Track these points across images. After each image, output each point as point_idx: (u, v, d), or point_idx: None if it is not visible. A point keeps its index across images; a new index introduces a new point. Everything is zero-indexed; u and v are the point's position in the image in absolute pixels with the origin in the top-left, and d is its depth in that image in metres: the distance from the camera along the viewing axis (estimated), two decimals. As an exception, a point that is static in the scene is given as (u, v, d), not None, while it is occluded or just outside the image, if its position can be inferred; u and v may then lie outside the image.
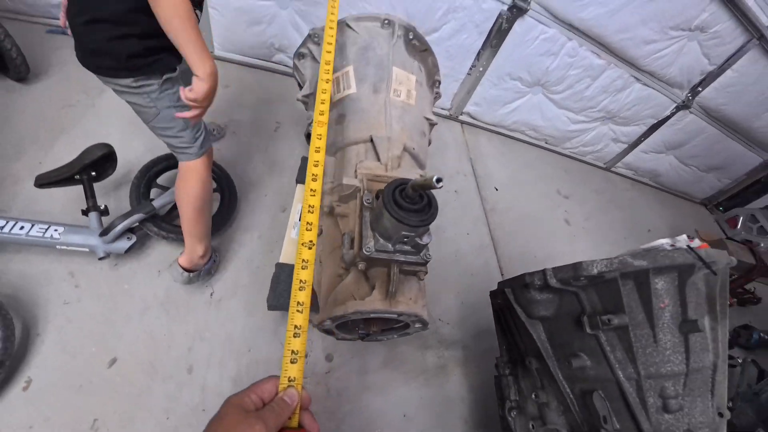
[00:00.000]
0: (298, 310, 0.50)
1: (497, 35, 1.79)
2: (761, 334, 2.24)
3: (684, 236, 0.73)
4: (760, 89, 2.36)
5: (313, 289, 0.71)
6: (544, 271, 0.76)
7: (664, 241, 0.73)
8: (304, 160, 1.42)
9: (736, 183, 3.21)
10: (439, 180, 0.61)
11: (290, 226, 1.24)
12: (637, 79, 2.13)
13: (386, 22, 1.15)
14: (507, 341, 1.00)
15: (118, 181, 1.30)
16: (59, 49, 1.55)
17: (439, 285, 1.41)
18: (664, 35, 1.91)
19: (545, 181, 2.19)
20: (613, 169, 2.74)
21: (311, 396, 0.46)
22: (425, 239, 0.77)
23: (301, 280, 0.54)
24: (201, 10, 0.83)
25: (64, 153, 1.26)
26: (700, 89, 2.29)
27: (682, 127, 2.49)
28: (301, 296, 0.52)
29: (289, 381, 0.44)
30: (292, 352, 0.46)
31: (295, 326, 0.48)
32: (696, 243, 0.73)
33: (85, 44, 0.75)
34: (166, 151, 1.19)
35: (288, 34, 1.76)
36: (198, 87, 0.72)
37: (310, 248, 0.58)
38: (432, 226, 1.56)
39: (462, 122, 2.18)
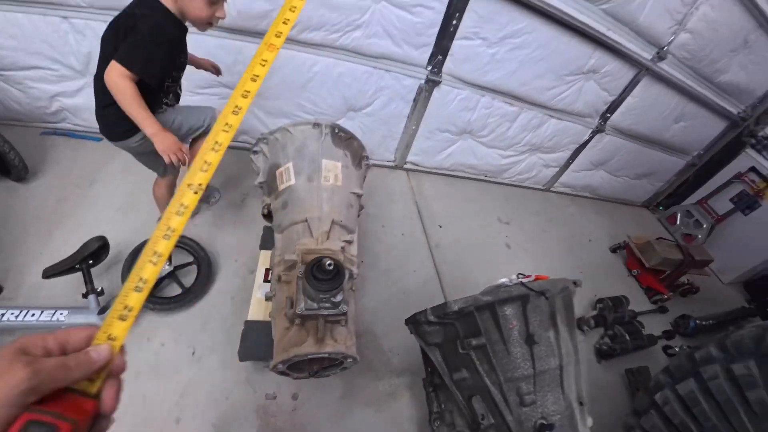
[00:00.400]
0: (152, 261, 0.42)
1: (421, 102, 2.15)
2: (698, 322, 2.49)
3: (515, 275, 1.00)
4: (660, 108, 2.75)
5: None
6: (425, 311, 1.03)
7: (505, 280, 1.01)
8: (266, 230, 1.70)
9: (668, 184, 3.57)
10: (330, 264, 0.91)
11: (256, 287, 1.50)
12: (551, 116, 2.49)
13: (315, 124, 1.47)
14: (429, 364, 1.25)
15: (110, 262, 1.51)
16: (52, 148, 1.84)
17: (390, 321, 1.64)
18: (561, 81, 2.29)
19: (486, 212, 2.49)
20: (552, 189, 3.07)
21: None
22: (338, 297, 1.04)
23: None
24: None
25: (61, 243, 1.50)
26: (608, 115, 2.66)
27: (602, 147, 2.85)
28: (160, 247, 0.44)
29: (109, 338, 0.37)
30: (126, 307, 0.39)
31: (141, 278, 0.41)
32: (531, 278, 1.01)
33: (106, 122, 1.20)
34: (148, 236, 1.47)
35: (249, 121, 2.10)
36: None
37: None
38: (381, 267, 1.83)
39: (407, 170, 2.51)
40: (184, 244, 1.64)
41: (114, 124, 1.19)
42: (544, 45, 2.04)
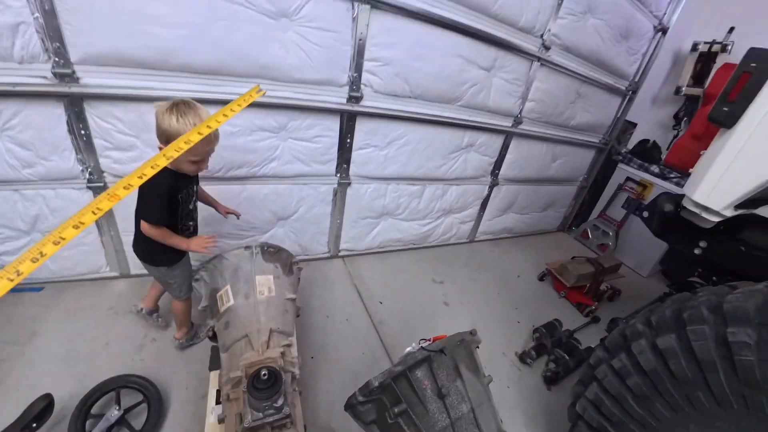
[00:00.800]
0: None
1: (339, 200, 2.55)
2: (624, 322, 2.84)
3: (415, 342, 1.26)
4: (535, 155, 3.42)
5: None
6: (354, 393, 1.22)
7: (410, 348, 1.26)
8: (214, 349, 1.82)
9: (571, 208, 4.22)
10: (264, 374, 1.10)
11: (209, 412, 1.58)
12: (450, 184, 3.02)
13: (247, 247, 1.73)
14: (379, 440, 1.39)
15: (55, 419, 1.47)
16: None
17: (345, 412, 1.74)
18: (447, 159, 2.85)
19: (420, 277, 2.80)
20: (475, 239, 3.53)
21: None
22: (279, 402, 1.21)
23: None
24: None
25: (1, 408, 1.47)
26: (497, 171, 3.26)
27: (502, 196, 3.42)
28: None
29: None
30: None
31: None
32: (430, 341, 1.27)
33: (141, 255, 1.66)
34: (95, 383, 1.59)
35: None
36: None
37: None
38: (330, 359, 1.97)
39: (342, 257, 2.81)
40: (132, 383, 1.66)
41: (160, 255, 1.64)
42: (423, 138, 2.60)
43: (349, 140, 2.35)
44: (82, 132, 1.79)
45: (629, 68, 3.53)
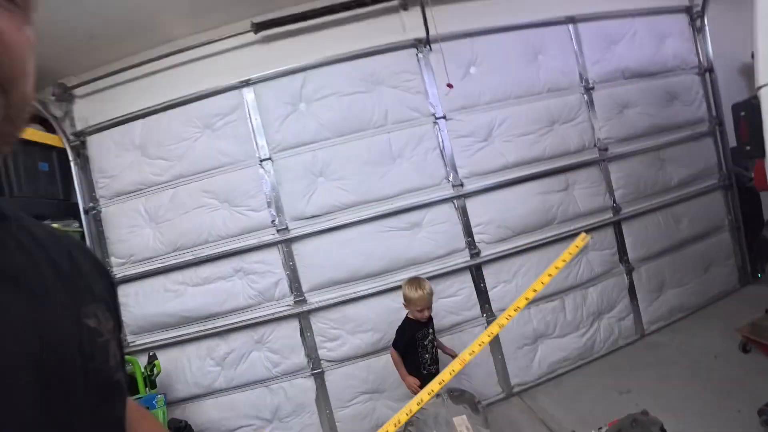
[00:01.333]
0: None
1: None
2: None
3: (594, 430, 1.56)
4: (656, 225, 3.58)
5: None
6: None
7: None
8: None
9: (739, 254, 3.88)
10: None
11: None
12: (586, 288, 3.31)
13: (438, 395, 2.27)
14: None
15: None
16: None
17: None
18: (570, 267, 3.29)
19: (603, 392, 2.78)
20: (646, 333, 3.43)
21: None
22: None
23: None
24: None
25: None
26: (625, 257, 3.47)
27: (647, 278, 3.45)
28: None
29: None
30: None
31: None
32: (606, 426, 1.56)
33: None
34: None
35: (382, 411, 2.92)
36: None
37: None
38: None
39: (517, 393, 3.06)
40: None
41: None
42: (540, 260, 3.11)
43: (482, 285, 3.08)
44: (308, 334, 2.90)
45: (697, 114, 3.78)
